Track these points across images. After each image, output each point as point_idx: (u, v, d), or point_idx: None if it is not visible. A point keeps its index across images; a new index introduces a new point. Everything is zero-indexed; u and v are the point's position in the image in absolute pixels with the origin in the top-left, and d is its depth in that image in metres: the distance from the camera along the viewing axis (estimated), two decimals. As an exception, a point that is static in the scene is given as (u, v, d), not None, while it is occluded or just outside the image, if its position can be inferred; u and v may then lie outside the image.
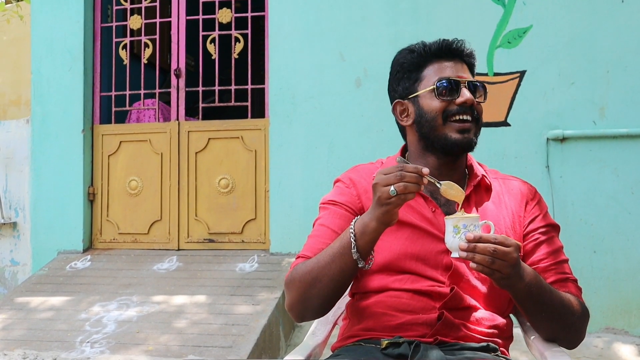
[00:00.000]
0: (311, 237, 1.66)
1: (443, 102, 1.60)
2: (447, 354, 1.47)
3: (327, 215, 1.67)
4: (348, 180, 1.71)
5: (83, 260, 4.77)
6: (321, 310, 1.61)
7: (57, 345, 3.55)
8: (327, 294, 1.54)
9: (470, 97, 1.60)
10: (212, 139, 4.88)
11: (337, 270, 1.49)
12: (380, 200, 1.40)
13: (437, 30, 4.41)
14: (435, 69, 1.64)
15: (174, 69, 4.99)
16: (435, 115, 1.61)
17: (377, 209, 1.41)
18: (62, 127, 5.00)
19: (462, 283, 1.57)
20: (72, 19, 5.00)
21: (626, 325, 4.11)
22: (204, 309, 3.87)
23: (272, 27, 4.72)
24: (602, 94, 4.21)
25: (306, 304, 1.57)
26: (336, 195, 1.70)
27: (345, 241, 1.48)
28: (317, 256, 1.55)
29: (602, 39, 4.23)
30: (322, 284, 1.51)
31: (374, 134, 4.46)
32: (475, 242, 1.36)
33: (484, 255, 1.35)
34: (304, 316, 1.62)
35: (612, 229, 4.14)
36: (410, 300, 1.56)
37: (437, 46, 1.65)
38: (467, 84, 1.62)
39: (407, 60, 1.68)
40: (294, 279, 1.57)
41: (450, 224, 1.41)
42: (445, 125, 1.61)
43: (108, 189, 5.04)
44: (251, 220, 4.78)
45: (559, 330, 1.58)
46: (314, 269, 1.53)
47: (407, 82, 1.68)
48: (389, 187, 1.37)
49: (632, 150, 4.16)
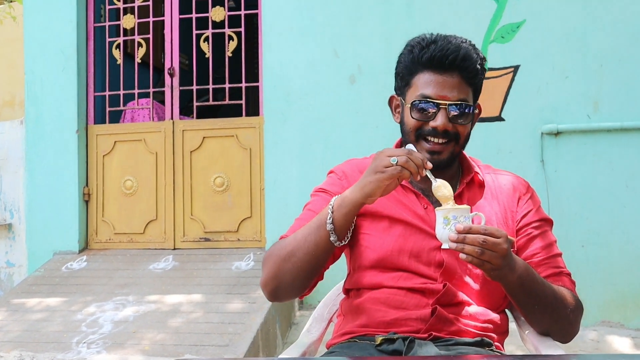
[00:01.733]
0: (297, 219, 1.66)
1: (417, 122, 1.57)
2: (441, 349, 1.47)
3: (315, 201, 1.67)
4: (341, 172, 1.70)
5: (79, 261, 4.76)
6: (293, 289, 1.58)
7: (54, 346, 3.55)
8: (300, 270, 1.52)
9: (443, 124, 1.53)
10: (207, 138, 4.87)
11: (311, 244, 1.49)
12: (376, 167, 1.40)
13: (431, 27, 4.39)
14: (422, 80, 1.57)
15: (168, 68, 4.98)
16: (409, 130, 1.59)
17: (367, 177, 1.42)
18: (57, 127, 4.99)
19: (455, 279, 1.56)
20: (64, 19, 4.99)
21: (622, 318, 4.12)
22: (200, 308, 3.87)
23: (265, 24, 4.71)
24: (595, 88, 4.22)
25: (279, 279, 1.55)
26: (328, 184, 1.70)
27: (323, 215, 1.49)
28: (295, 232, 1.56)
29: (595, 33, 4.23)
30: (296, 258, 1.50)
31: (369, 130, 4.46)
32: (465, 233, 1.35)
33: (473, 246, 1.35)
34: (277, 293, 1.59)
35: (607, 223, 4.15)
36: (403, 298, 1.55)
37: (428, 56, 1.55)
38: (447, 107, 1.54)
39: (403, 61, 1.63)
40: (271, 254, 1.57)
41: (441, 215, 1.41)
42: (418, 142, 1.58)
43: (103, 189, 5.04)
44: (247, 218, 4.77)
45: (552, 324, 1.57)
46: (290, 243, 1.53)
47: (400, 82, 1.65)
48: (391, 157, 1.38)
49: (626, 144, 4.16)
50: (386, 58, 4.46)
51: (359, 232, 1.62)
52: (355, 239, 1.63)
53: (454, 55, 1.54)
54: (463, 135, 1.59)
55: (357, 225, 1.62)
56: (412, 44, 1.61)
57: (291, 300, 4.28)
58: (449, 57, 1.54)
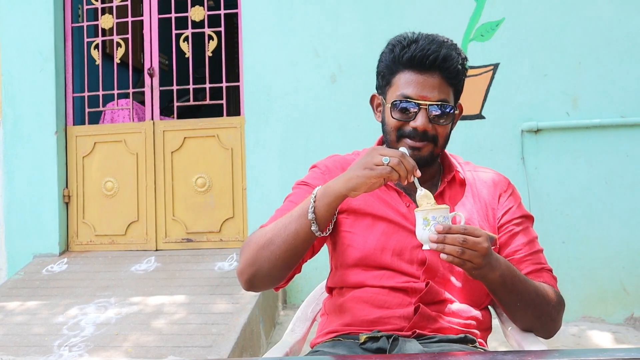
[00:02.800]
0: (277, 210, 1.65)
1: (398, 122, 1.56)
2: (424, 347, 1.48)
3: (296, 193, 1.66)
4: (324, 167, 1.70)
5: (59, 264, 4.72)
6: (270, 278, 1.55)
7: (35, 350, 3.51)
8: (279, 258, 1.49)
9: (423, 124, 1.53)
10: (188, 138, 4.85)
11: (291, 232, 1.47)
12: (366, 163, 1.39)
13: (411, 25, 4.40)
14: (403, 80, 1.56)
15: (148, 68, 4.95)
16: (390, 130, 1.59)
17: (354, 171, 1.40)
18: (35, 129, 4.93)
19: (437, 277, 1.57)
20: (42, 19, 4.94)
21: (602, 313, 4.17)
22: (183, 309, 3.85)
23: (245, 24, 4.70)
24: (574, 85, 4.26)
25: (255, 267, 1.52)
26: (310, 178, 1.69)
27: (305, 204, 1.47)
28: (275, 222, 1.54)
29: (573, 30, 4.27)
30: (275, 246, 1.48)
31: (351, 129, 4.46)
32: (445, 233, 1.36)
33: (454, 246, 1.35)
34: (252, 282, 1.55)
35: (587, 219, 4.19)
36: (386, 297, 1.56)
37: (408, 56, 1.54)
38: (427, 107, 1.53)
39: (384, 60, 1.61)
40: (249, 242, 1.55)
41: (420, 216, 1.41)
42: (399, 142, 1.57)
43: (83, 191, 4.99)
44: (229, 218, 4.76)
45: (534, 320, 1.58)
46: (270, 231, 1.51)
47: (381, 81, 1.64)
48: (384, 156, 1.38)
49: (605, 141, 4.21)
50: (367, 57, 4.46)
51: (341, 230, 1.62)
52: (337, 237, 1.63)
53: (434, 55, 1.53)
54: (442, 136, 1.58)
55: (339, 222, 1.62)
56: (393, 43, 1.60)
57: (275, 301, 4.27)
58: (429, 57, 1.53)
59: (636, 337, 3.92)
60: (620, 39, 4.22)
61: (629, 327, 4.06)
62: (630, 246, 4.16)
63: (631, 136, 4.20)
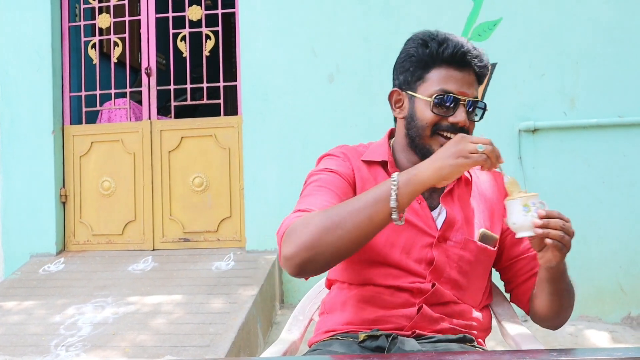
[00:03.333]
0: (309, 195, 1.53)
1: (436, 117, 1.54)
2: (423, 346, 1.48)
3: (324, 178, 1.57)
4: (341, 154, 1.64)
5: (56, 263, 4.71)
6: (326, 264, 1.43)
7: (32, 350, 3.50)
8: (345, 243, 1.38)
9: (463, 119, 1.53)
10: (185, 138, 4.84)
11: (365, 218, 1.36)
12: (460, 151, 1.34)
13: (408, 25, 4.43)
14: (441, 75, 1.55)
15: (145, 68, 4.94)
16: (425, 125, 1.55)
17: (445, 160, 1.34)
18: (32, 128, 4.92)
19: (443, 278, 1.56)
20: (39, 18, 4.93)
21: (599, 312, 4.17)
22: (180, 309, 3.84)
23: (242, 23, 4.69)
24: (572, 85, 4.26)
25: (315, 251, 1.38)
26: (332, 165, 1.61)
27: (383, 190, 1.37)
28: (336, 205, 1.42)
29: (571, 30, 4.28)
30: (343, 231, 1.36)
31: (348, 129, 4.46)
32: (547, 218, 1.35)
33: (557, 231, 1.36)
34: (305, 266, 1.40)
35: (584, 219, 4.19)
36: (390, 297, 1.55)
37: (450, 52, 1.53)
38: (466, 103, 1.54)
39: (416, 54, 1.57)
40: (306, 224, 1.39)
41: (519, 203, 1.37)
42: (432, 137, 1.55)
43: (80, 191, 4.98)
44: (226, 218, 4.76)
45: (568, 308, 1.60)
46: (334, 215, 1.38)
47: (410, 76, 1.59)
48: (476, 144, 1.34)
49: (603, 140, 4.21)
50: (364, 57, 4.47)
51: None
52: None
53: (473, 52, 1.55)
54: (471, 132, 1.59)
55: None
56: (424, 38, 1.57)
57: (272, 300, 4.27)
58: (469, 54, 1.54)
59: (633, 336, 3.93)
60: (618, 39, 4.22)
61: (626, 327, 4.07)
62: (627, 245, 4.17)
63: (629, 136, 4.20)
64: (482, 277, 1.66)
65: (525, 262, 1.67)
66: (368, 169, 1.62)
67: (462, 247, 1.59)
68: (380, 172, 1.63)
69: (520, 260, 1.68)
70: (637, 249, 4.16)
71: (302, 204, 1.50)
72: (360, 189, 1.57)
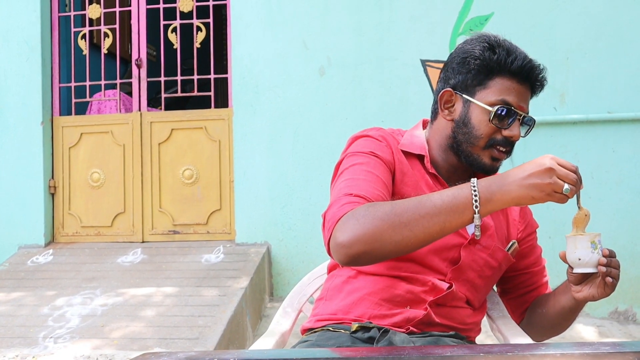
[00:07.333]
0: (358, 179, 1.44)
1: (493, 129, 1.49)
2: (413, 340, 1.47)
3: (370, 162, 1.49)
4: (381, 138, 1.56)
5: (45, 255, 4.69)
6: (381, 258, 1.37)
7: (19, 342, 3.49)
8: (408, 244, 1.31)
9: (517, 135, 1.50)
10: (175, 130, 4.83)
11: (437, 224, 1.29)
12: (545, 187, 1.29)
13: (400, 19, 4.43)
14: (504, 85, 1.49)
15: (135, 59, 4.91)
16: (480, 135, 1.50)
17: (528, 190, 1.29)
18: (21, 119, 4.89)
19: (462, 279, 1.55)
20: (28, 8, 4.89)
21: (587, 307, 4.15)
22: (169, 301, 3.84)
23: (234, 15, 4.68)
24: (562, 80, 4.28)
25: (376, 245, 1.30)
26: (374, 148, 1.52)
27: (460, 200, 1.29)
28: (403, 202, 1.33)
29: (561, 26, 4.29)
30: (411, 233, 1.29)
31: (339, 122, 4.46)
32: (610, 257, 1.39)
33: (617, 269, 1.40)
34: (360, 257, 1.32)
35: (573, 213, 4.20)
36: (403, 293, 1.51)
37: (519, 65, 1.48)
38: (522, 118, 1.50)
39: (482, 58, 1.50)
40: (371, 216, 1.31)
41: (587, 240, 1.41)
42: (485, 149, 1.51)
43: (69, 182, 4.96)
44: (216, 210, 4.75)
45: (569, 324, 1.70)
46: (403, 213, 1.30)
47: (469, 80, 1.52)
48: (564, 183, 1.31)
49: (592, 136, 4.23)
50: (355, 50, 4.47)
51: None
52: None
53: (538, 70, 1.53)
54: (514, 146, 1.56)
55: None
56: (491, 44, 1.51)
57: (261, 293, 4.27)
58: (535, 70, 1.52)
59: (620, 330, 3.96)
60: (608, 35, 4.24)
61: (612, 321, 4.10)
62: (616, 241, 4.19)
63: (618, 132, 4.22)
64: (495, 282, 1.69)
65: (528, 277, 1.71)
66: (406, 159, 1.57)
67: (490, 253, 1.58)
68: (417, 166, 1.57)
69: (524, 274, 1.71)
70: (625, 244, 4.19)
71: (352, 187, 1.42)
72: (400, 181, 1.52)
